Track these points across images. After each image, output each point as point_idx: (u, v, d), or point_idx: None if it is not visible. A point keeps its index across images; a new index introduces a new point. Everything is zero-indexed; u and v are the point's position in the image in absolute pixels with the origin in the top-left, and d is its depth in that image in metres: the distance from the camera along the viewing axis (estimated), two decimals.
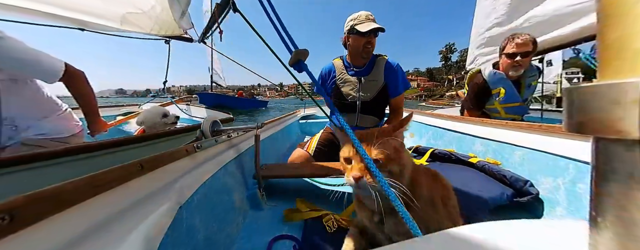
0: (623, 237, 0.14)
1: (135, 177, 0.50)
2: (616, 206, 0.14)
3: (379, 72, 1.38)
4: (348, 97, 1.42)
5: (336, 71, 1.47)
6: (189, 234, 0.59)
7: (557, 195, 0.79)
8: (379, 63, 1.39)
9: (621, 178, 0.14)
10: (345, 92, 1.42)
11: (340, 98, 1.44)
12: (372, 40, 1.30)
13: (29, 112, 0.98)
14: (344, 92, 1.42)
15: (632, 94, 0.13)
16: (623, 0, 0.13)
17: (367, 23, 1.26)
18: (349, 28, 1.31)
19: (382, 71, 1.38)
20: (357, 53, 1.35)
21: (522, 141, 0.99)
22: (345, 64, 1.45)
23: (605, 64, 0.14)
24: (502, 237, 0.26)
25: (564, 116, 0.16)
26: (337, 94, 1.45)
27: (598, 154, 0.15)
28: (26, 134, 0.96)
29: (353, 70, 1.42)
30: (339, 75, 1.45)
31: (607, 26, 0.14)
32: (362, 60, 1.38)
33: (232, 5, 1.03)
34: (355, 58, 1.38)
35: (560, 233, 0.26)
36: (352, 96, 1.41)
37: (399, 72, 1.41)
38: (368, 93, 1.39)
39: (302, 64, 0.72)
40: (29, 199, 0.30)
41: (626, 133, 0.13)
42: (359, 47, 1.31)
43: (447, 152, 1.18)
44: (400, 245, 0.27)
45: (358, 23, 1.28)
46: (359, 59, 1.38)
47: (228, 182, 0.92)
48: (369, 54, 1.35)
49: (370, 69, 1.40)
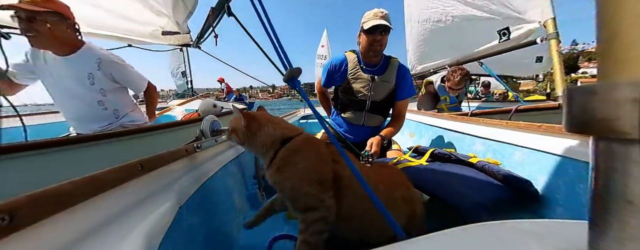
0: (622, 237, 0.14)
1: (135, 177, 0.50)
2: (616, 206, 0.15)
3: (392, 74, 1.36)
4: (358, 95, 1.39)
5: (349, 65, 1.41)
6: (189, 234, 0.59)
7: (557, 195, 0.78)
8: (393, 64, 1.38)
9: (621, 177, 0.14)
10: (356, 88, 1.38)
11: (350, 94, 1.41)
12: (378, 38, 1.25)
13: (125, 106, 1.54)
14: (355, 88, 1.39)
15: (632, 95, 0.13)
16: (624, 2, 0.13)
17: (373, 20, 1.23)
18: (361, 25, 1.30)
19: (394, 73, 1.37)
20: (365, 51, 1.33)
21: (522, 141, 0.99)
22: (359, 59, 1.41)
23: (606, 65, 0.14)
24: (502, 237, 0.26)
25: (564, 116, 0.16)
26: (347, 89, 1.41)
27: (597, 153, 0.15)
28: (123, 120, 1.51)
29: (367, 68, 1.38)
30: (351, 70, 1.40)
31: (608, 28, 0.14)
32: (373, 58, 1.35)
33: (227, 9, 1.04)
34: (366, 56, 1.36)
35: (560, 233, 0.26)
36: (363, 94, 1.38)
37: (408, 77, 1.40)
38: (379, 93, 1.37)
39: (295, 80, 0.80)
40: (29, 199, 0.30)
41: (626, 133, 0.13)
42: (366, 45, 1.29)
43: (447, 152, 1.18)
44: (400, 245, 0.27)
45: (366, 20, 1.26)
46: (368, 57, 1.35)
47: (228, 182, 0.92)
48: (376, 53, 1.32)
49: (384, 69, 1.37)
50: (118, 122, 1.49)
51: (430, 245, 0.26)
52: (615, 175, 0.14)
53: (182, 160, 0.70)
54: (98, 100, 1.39)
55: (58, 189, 0.34)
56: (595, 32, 0.15)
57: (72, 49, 1.30)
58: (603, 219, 0.15)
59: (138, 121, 1.60)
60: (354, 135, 1.48)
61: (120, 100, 1.51)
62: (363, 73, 1.37)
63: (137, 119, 1.60)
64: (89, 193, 0.39)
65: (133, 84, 1.55)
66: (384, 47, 1.31)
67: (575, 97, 0.15)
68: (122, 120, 1.50)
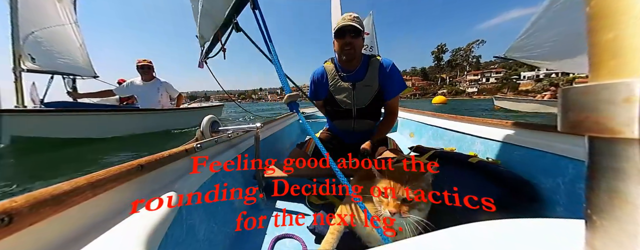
0: (619, 234, 0.15)
1: (135, 177, 0.51)
2: (611, 204, 0.15)
3: (373, 76, 1.29)
4: (342, 105, 1.34)
5: (328, 76, 1.36)
6: (189, 234, 0.60)
7: (557, 195, 0.78)
8: (373, 65, 1.30)
9: (615, 176, 0.14)
10: (339, 99, 1.34)
11: (334, 105, 1.37)
12: (350, 41, 1.20)
13: (167, 105, 4.39)
14: (337, 99, 1.34)
15: (625, 94, 0.13)
16: (617, 2, 0.14)
17: (342, 23, 1.19)
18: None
19: (376, 75, 1.29)
20: (339, 56, 1.29)
21: (522, 141, 0.99)
22: (337, 67, 1.35)
23: (598, 65, 0.14)
24: (502, 237, 0.26)
25: (559, 116, 0.16)
26: (331, 101, 1.38)
27: (592, 152, 0.15)
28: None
29: (345, 75, 1.32)
30: (331, 82, 1.35)
31: (600, 27, 0.14)
32: (349, 63, 1.29)
33: (235, 25, 1.07)
34: (341, 61, 1.31)
35: (559, 233, 0.26)
36: (347, 103, 1.33)
37: (395, 73, 1.31)
38: (363, 100, 1.32)
39: (294, 104, 0.98)
40: (28, 200, 0.31)
41: (619, 132, 0.13)
42: (338, 50, 1.26)
43: (447, 152, 1.18)
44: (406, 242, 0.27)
45: (336, 25, 1.23)
46: (344, 63, 1.30)
47: (228, 182, 0.92)
48: (350, 56, 1.25)
49: (363, 73, 1.30)
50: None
51: (430, 245, 0.26)
52: (611, 174, 0.14)
53: (182, 160, 0.70)
54: (158, 100, 4.16)
55: (57, 190, 0.34)
56: (586, 31, 0.15)
57: (151, 79, 4.04)
58: (599, 217, 0.15)
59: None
60: (348, 138, 1.47)
61: (165, 101, 4.27)
62: (343, 82, 1.32)
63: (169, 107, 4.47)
64: (88, 193, 0.39)
65: (172, 93, 4.36)
66: (357, 51, 1.25)
67: (570, 97, 0.15)
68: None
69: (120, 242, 0.38)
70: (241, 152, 1.11)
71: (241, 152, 1.11)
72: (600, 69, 0.14)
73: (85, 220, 0.40)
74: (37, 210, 0.31)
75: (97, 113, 3.65)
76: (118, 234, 0.40)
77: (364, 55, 1.33)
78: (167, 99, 4.32)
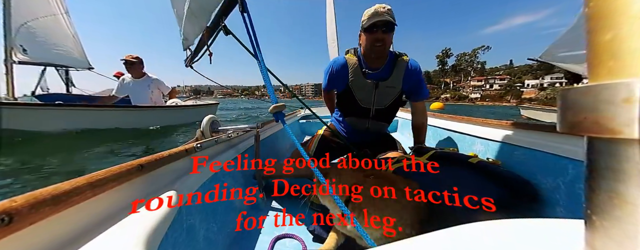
0: (618, 235, 0.15)
1: (135, 177, 0.51)
2: (611, 204, 0.15)
3: (398, 78, 1.20)
4: (361, 103, 1.26)
5: (349, 70, 1.24)
6: (189, 234, 0.60)
7: (557, 195, 0.78)
8: (400, 66, 1.20)
9: (615, 176, 0.14)
10: (358, 97, 1.25)
11: (352, 101, 1.28)
12: (380, 36, 1.09)
13: (159, 101, 4.38)
14: (356, 96, 1.25)
15: (625, 94, 0.13)
16: (615, 2, 0.14)
17: (374, 17, 1.08)
18: (361, 24, 1.15)
19: (401, 76, 1.20)
20: (367, 52, 1.18)
21: (522, 141, 0.99)
22: (361, 62, 1.23)
23: (597, 65, 0.14)
24: (502, 237, 0.26)
25: (558, 117, 0.16)
26: (348, 97, 1.28)
27: (592, 153, 0.15)
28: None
29: (369, 73, 1.22)
30: (352, 76, 1.24)
31: (599, 28, 0.14)
32: (376, 60, 1.19)
33: (224, 28, 1.02)
34: (368, 58, 1.20)
35: (559, 233, 0.26)
36: (366, 102, 1.25)
37: (419, 78, 1.24)
38: (384, 101, 1.24)
39: (280, 114, 0.94)
40: (28, 200, 0.31)
41: (618, 132, 0.13)
42: (367, 46, 1.15)
43: (447, 152, 1.18)
44: (406, 242, 0.27)
45: (365, 18, 1.11)
46: (371, 59, 1.20)
47: (228, 182, 0.92)
48: (380, 54, 1.16)
49: (389, 73, 1.20)
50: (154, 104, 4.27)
51: (430, 245, 0.26)
52: (610, 174, 0.14)
53: (182, 160, 0.70)
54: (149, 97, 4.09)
55: (57, 189, 0.34)
56: (585, 32, 0.15)
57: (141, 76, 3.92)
58: (599, 217, 0.15)
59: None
60: (356, 137, 1.40)
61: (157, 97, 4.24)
62: (365, 79, 1.22)
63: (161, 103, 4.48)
64: (88, 193, 0.39)
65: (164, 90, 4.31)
66: (387, 47, 1.15)
67: (569, 98, 0.15)
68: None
69: (120, 241, 0.38)
70: (241, 152, 1.11)
71: (241, 152, 1.11)
72: (599, 69, 0.14)
73: (85, 220, 0.40)
74: (37, 210, 0.31)
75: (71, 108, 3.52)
76: (118, 233, 0.40)
77: (390, 53, 1.23)
78: (158, 96, 4.28)
